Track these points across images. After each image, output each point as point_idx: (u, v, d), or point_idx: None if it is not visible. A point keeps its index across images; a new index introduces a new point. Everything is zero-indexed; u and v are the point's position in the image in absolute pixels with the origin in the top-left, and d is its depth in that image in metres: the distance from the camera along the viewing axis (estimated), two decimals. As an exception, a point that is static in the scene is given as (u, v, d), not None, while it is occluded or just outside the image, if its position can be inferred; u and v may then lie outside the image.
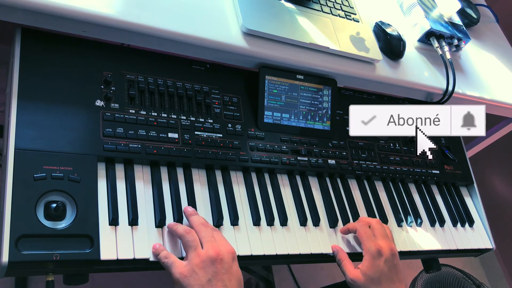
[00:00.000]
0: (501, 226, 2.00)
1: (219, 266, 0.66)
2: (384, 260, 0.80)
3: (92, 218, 0.66)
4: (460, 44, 1.14)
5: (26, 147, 0.66)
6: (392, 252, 0.81)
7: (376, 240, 0.82)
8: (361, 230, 0.84)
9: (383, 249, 0.81)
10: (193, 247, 0.67)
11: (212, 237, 0.69)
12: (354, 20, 1.03)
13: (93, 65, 0.77)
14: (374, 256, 0.80)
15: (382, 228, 0.85)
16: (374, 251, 0.80)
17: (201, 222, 0.71)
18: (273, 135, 0.89)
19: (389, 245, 0.82)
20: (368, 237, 0.82)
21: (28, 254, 0.60)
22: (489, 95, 1.16)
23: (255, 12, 0.88)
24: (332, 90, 0.97)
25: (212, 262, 0.66)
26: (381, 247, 0.81)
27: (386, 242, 0.82)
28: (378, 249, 0.80)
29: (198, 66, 0.87)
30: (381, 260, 0.80)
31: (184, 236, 0.68)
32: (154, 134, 0.77)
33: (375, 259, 0.80)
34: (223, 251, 0.67)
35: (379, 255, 0.80)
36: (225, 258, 0.67)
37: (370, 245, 0.81)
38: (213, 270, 0.65)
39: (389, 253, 0.81)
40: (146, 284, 1.46)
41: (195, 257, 0.66)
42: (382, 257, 0.80)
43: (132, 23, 0.75)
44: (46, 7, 0.69)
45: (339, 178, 0.95)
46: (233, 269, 0.67)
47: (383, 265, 0.80)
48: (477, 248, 1.04)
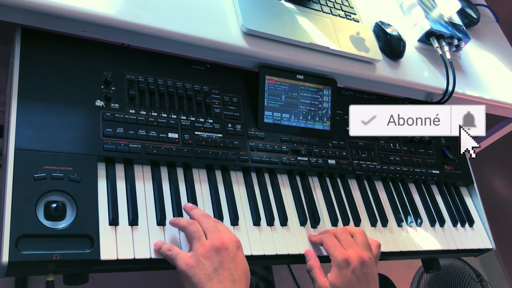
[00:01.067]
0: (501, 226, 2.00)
1: (224, 255, 0.65)
2: (352, 270, 0.76)
3: (92, 218, 0.66)
4: (460, 44, 1.14)
5: (26, 147, 0.66)
6: (362, 260, 0.77)
7: (342, 249, 0.78)
8: (327, 240, 0.80)
9: (350, 258, 0.77)
10: (197, 238, 0.67)
11: (216, 227, 0.69)
12: (354, 20, 1.03)
13: (93, 65, 0.77)
14: (340, 265, 0.76)
15: (349, 237, 0.81)
16: (340, 260, 0.77)
17: (203, 214, 0.71)
18: (273, 135, 0.89)
19: (358, 254, 0.78)
20: (334, 246, 0.79)
21: (28, 254, 0.60)
22: (489, 95, 1.16)
23: (255, 12, 0.88)
24: (332, 90, 0.97)
25: (217, 251, 0.65)
26: (348, 257, 0.77)
27: (354, 250, 0.78)
28: (344, 258, 0.76)
29: (198, 66, 0.87)
30: (348, 270, 0.76)
31: (188, 227, 0.68)
32: (154, 134, 0.77)
33: (342, 269, 0.76)
34: (228, 240, 0.67)
35: (346, 265, 0.76)
36: (230, 247, 0.66)
37: (336, 255, 0.77)
38: (218, 259, 0.65)
39: (357, 262, 0.77)
40: (146, 284, 1.46)
41: (200, 247, 0.66)
42: (350, 266, 0.76)
43: (132, 23, 0.75)
44: (46, 7, 0.69)
45: (339, 178, 0.95)
46: (238, 258, 0.67)
47: (351, 275, 0.76)
48: (477, 248, 1.04)
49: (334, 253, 0.78)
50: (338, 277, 0.76)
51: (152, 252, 0.69)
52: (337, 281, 0.76)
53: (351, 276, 0.76)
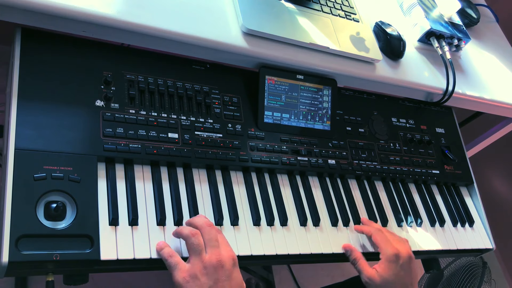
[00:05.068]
0: (501, 226, 2.00)
1: (220, 273, 0.66)
2: (401, 264, 0.82)
3: (92, 218, 0.66)
4: (460, 44, 1.14)
5: (26, 147, 0.66)
6: (410, 256, 0.83)
7: (393, 244, 0.83)
8: (377, 234, 0.85)
9: (401, 253, 0.82)
10: (197, 252, 0.67)
11: (216, 241, 0.69)
12: (354, 20, 1.03)
13: (93, 65, 0.77)
14: (391, 259, 0.82)
15: (395, 234, 0.88)
16: (391, 254, 0.82)
17: (206, 222, 0.71)
18: (273, 135, 0.89)
19: (407, 250, 0.84)
20: (386, 241, 0.84)
21: (28, 254, 0.60)
22: (489, 95, 1.17)
23: (255, 12, 0.88)
24: (332, 90, 0.97)
25: (214, 269, 0.66)
26: (398, 251, 0.82)
27: (403, 245, 0.84)
28: (395, 253, 0.82)
29: (198, 66, 0.87)
30: (398, 263, 0.81)
31: (190, 237, 0.68)
32: (154, 134, 0.77)
33: (392, 262, 0.81)
34: (225, 257, 0.68)
35: (396, 259, 0.82)
36: (226, 265, 0.67)
37: (387, 249, 0.83)
38: (215, 277, 0.66)
39: (406, 257, 0.83)
40: (146, 284, 1.46)
41: (199, 263, 0.67)
42: (399, 260, 0.82)
43: (132, 23, 0.75)
44: (46, 7, 0.69)
45: (339, 178, 0.95)
46: (233, 275, 0.68)
47: (399, 269, 0.81)
48: (477, 248, 1.04)
49: (385, 247, 0.83)
50: (387, 269, 0.81)
51: (152, 252, 0.69)
52: (385, 273, 0.81)
53: (399, 270, 0.81)
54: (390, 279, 0.80)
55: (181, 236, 0.70)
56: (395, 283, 0.80)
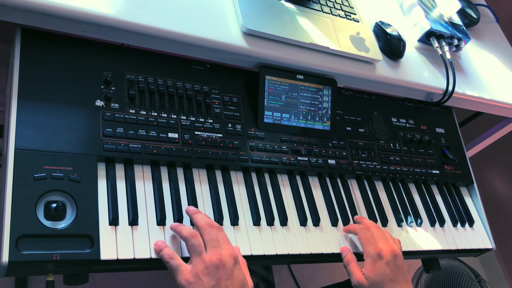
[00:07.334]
0: (501, 226, 2.00)
1: (222, 272, 0.66)
2: (386, 263, 0.81)
3: (92, 218, 0.66)
4: (460, 44, 1.14)
5: (26, 147, 0.66)
6: (394, 253, 0.82)
7: (376, 243, 0.82)
8: (361, 233, 0.85)
9: (383, 251, 0.81)
10: (198, 252, 0.67)
11: (217, 241, 0.69)
12: (354, 20, 1.03)
13: (93, 65, 0.77)
14: (374, 259, 0.81)
15: (381, 231, 0.86)
16: (374, 254, 0.81)
17: (206, 222, 0.71)
18: (273, 135, 0.89)
19: (390, 247, 0.83)
20: (368, 240, 0.83)
21: (28, 254, 0.60)
22: (489, 95, 1.17)
23: (255, 12, 0.88)
24: (332, 90, 0.97)
25: (215, 268, 0.66)
26: (381, 250, 0.81)
27: (386, 244, 0.83)
28: (377, 252, 0.81)
29: (198, 66, 0.87)
30: (382, 262, 0.81)
31: (189, 239, 0.68)
32: (154, 134, 0.77)
33: (376, 262, 0.81)
34: (226, 256, 0.68)
35: (379, 258, 0.81)
36: (227, 263, 0.67)
37: (370, 248, 0.82)
38: (217, 276, 0.66)
39: (390, 255, 0.81)
40: (146, 284, 1.46)
41: (200, 263, 0.67)
42: (383, 259, 0.81)
43: (132, 23, 0.75)
44: (46, 7, 0.69)
45: (339, 178, 0.95)
46: (235, 273, 0.68)
47: (385, 267, 0.80)
48: (477, 248, 1.04)
49: (367, 246, 0.82)
50: (373, 270, 0.80)
51: (152, 252, 0.69)
52: (371, 274, 0.80)
53: (385, 268, 0.80)
54: (378, 279, 0.80)
55: (181, 237, 0.70)
56: (383, 283, 0.80)
